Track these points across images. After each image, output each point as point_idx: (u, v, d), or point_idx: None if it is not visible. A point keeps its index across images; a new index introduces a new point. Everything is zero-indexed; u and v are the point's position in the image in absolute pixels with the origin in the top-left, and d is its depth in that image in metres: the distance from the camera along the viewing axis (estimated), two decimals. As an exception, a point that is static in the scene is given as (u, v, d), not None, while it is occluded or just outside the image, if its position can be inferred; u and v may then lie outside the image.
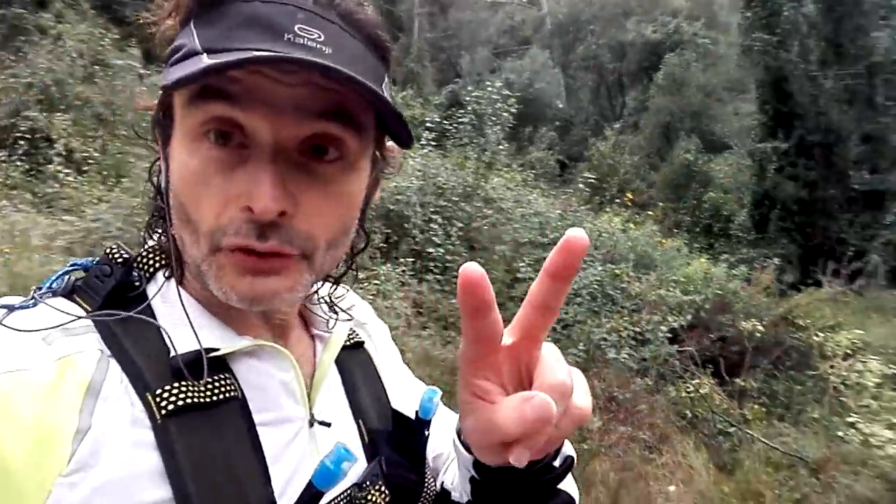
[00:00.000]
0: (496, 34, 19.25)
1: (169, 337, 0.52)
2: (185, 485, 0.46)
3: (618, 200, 9.36)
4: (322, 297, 0.68)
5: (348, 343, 0.69)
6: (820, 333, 6.35)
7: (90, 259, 0.57)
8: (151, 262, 0.57)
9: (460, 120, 7.40)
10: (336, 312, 0.68)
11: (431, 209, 6.01)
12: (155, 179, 0.58)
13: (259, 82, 0.47)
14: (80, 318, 0.50)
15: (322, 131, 0.49)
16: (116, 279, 0.54)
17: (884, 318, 7.34)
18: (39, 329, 0.47)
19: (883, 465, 4.93)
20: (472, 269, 0.40)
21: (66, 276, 0.56)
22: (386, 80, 0.56)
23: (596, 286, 5.57)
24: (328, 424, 0.61)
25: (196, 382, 0.50)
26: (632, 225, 8.39)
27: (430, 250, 5.55)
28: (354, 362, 0.71)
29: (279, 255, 0.50)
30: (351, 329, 0.71)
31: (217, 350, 0.53)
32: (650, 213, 10.04)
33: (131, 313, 0.51)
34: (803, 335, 6.30)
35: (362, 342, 0.74)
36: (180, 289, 0.55)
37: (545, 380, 0.44)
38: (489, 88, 7.25)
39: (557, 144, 14.24)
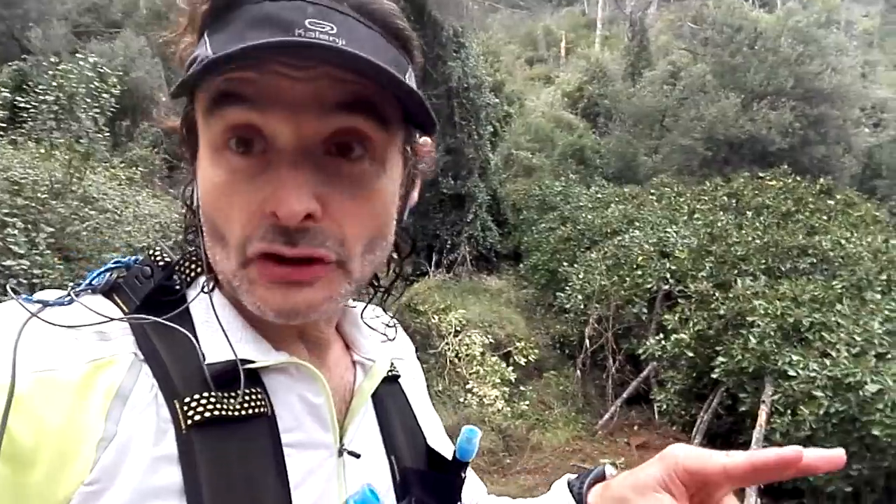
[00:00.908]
0: (76, 11, 16.53)
1: (199, 344, 0.51)
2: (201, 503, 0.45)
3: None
4: (366, 319, 0.66)
5: (387, 375, 0.65)
6: (435, 316, 7.24)
7: (133, 258, 0.57)
8: (193, 266, 0.56)
9: (42, 99, 5.84)
10: (381, 332, 0.68)
11: (5, 211, 4.56)
12: (187, 196, 0.57)
13: (274, 81, 0.45)
14: (110, 319, 0.49)
15: (344, 126, 0.47)
16: (156, 282, 0.54)
17: (476, 298, 8.82)
18: (71, 326, 0.47)
19: (495, 420, 5.92)
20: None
21: (108, 274, 0.54)
22: (410, 71, 0.52)
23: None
24: (357, 455, 0.58)
25: (226, 394, 0.49)
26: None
27: (9, 263, 4.18)
28: (389, 396, 0.67)
29: (312, 262, 0.48)
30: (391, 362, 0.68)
31: (252, 362, 0.51)
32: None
33: (162, 319, 0.50)
34: (423, 319, 7.06)
35: (398, 376, 0.70)
36: (220, 296, 0.55)
37: None
38: (82, 63, 5.91)
39: (164, 142, 12.86)
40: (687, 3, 20.77)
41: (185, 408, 0.47)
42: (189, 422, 0.47)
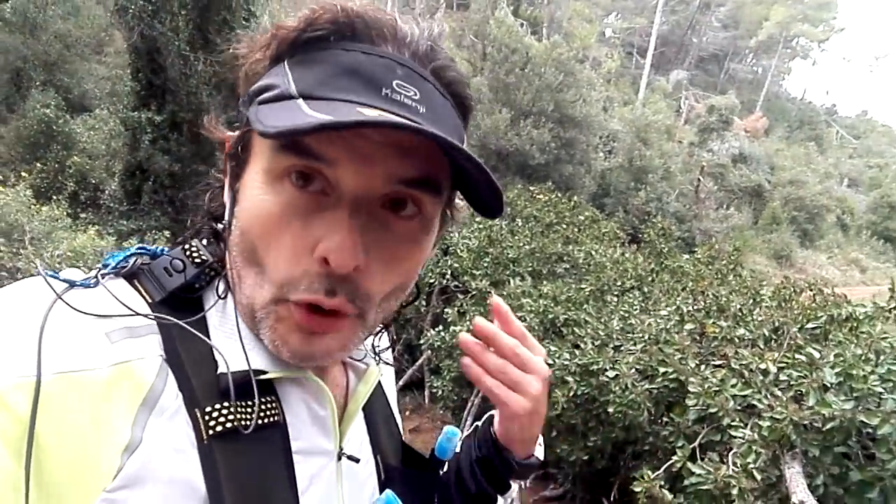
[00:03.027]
0: None
1: (222, 354, 0.50)
2: None
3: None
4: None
5: None
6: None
7: (160, 247, 0.56)
8: (210, 269, 0.56)
9: None
10: (377, 354, 0.69)
11: None
12: (212, 206, 0.57)
13: (351, 139, 0.45)
14: (137, 314, 0.48)
15: (404, 193, 0.49)
16: (187, 277, 0.53)
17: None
18: (98, 315, 0.45)
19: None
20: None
21: (133, 258, 0.54)
22: (465, 138, 0.54)
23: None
24: (357, 460, 0.60)
25: (243, 403, 0.49)
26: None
27: None
28: (373, 396, 0.67)
29: (338, 315, 0.49)
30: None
31: (266, 373, 0.52)
32: (24, 173, 8.25)
33: (184, 323, 0.49)
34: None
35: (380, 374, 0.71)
36: (232, 303, 0.54)
37: None
38: None
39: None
40: (468, 16, 22.36)
41: (207, 417, 0.47)
42: (210, 432, 0.47)
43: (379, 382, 0.72)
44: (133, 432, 0.43)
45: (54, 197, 8.57)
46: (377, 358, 0.70)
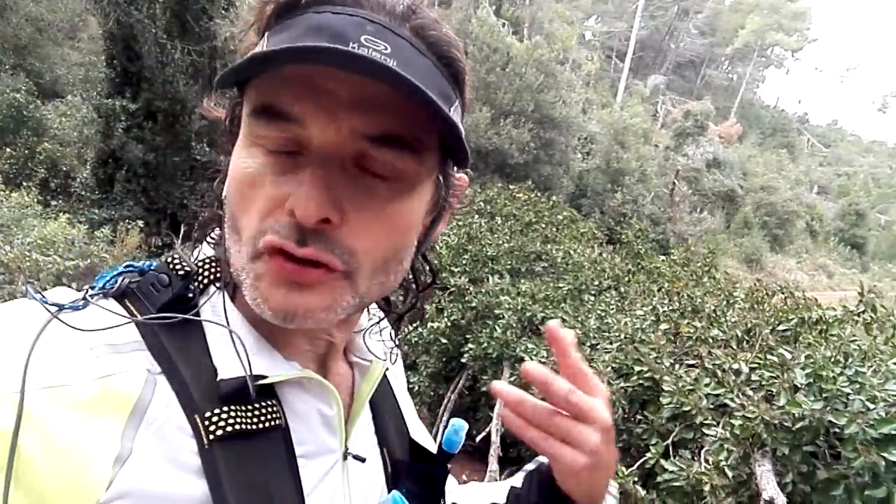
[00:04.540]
0: None
1: (221, 355, 0.50)
2: None
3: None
4: (366, 328, 0.66)
5: None
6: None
7: (147, 263, 0.55)
8: (206, 273, 0.55)
9: None
10: (386, 346, 0.68)
11: None
12: (219, 190, 0.56)
13: (317, 84, 0.45)
14: (131, 320, 0.48)
15: (373, 155, 0.47)
16: (174, 291, 0.52)
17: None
18: (88, 329, 0.45)
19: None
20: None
21: (121, 278, 0.53)
22: (456, 103, 0.52)
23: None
24: (363, 460, 0.59)
25: (244, 407, 0.49)
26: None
27: None
28: (380, 391, 0.66)
29: (318, 266, 0.47)
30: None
31: (264, 378, 0.51)
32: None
33: (185, 316, 0.50)
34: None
35: (387, 369, 0.70)
36: (231, 305, 0.53)
37: None
38: None
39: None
40: (449, 14, 22.38)
41: (207, 422, 0.47)
42: (211, 436, 0.46)
43: (385, 377, 0.70)
44: (123, 444, 0.43)
45: (24, 184, 8.33)
46: (386, 352, 0.68)
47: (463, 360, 4.57)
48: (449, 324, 4.71)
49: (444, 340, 4.78)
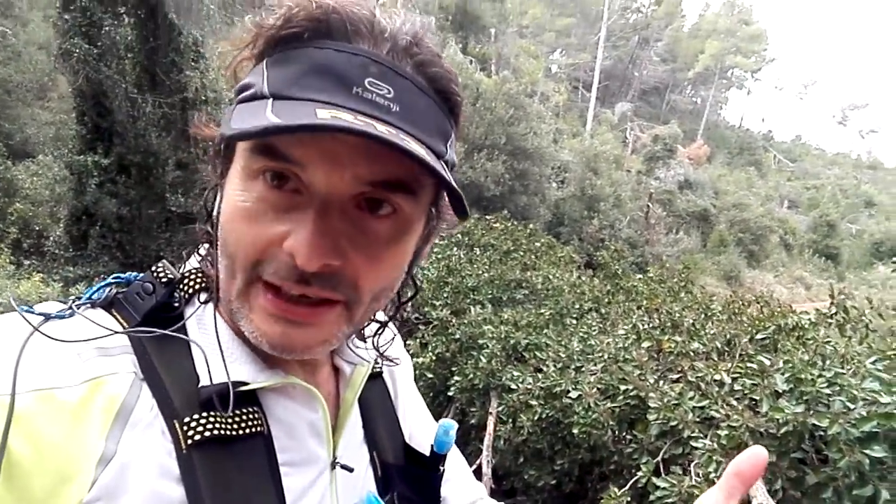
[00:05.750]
0: None
1: (195, 364, 0.51)
2: None
3: None
4: (370, 335, 0.66)
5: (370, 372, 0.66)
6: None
7: (133, 274, 0.56)
8: (192, 283, 0.55)
9: None
10: (378, 351, 0.67)
11: None
12: (209, 205, 0.55)
13: (321, 141, 0.45)
14: (114, 332, 0.48)
15: (376, 195, 0.48)
16: (158, 299, 0.53)
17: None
18: (74, 340, 0.46)
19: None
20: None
21: (108, 288, 0.54)
22: (452, 136, 0.53)
23: None
24: (351, 469, 0.59)
25: (224, 413, 0.49)
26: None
27: None
28: (372, 393, 0.67)
29: (321, 304, 0.49)
30: (376, 361, 0.68)
31: (247, 384, 0.51)
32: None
33: (164, 331, 0.50)
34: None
35: (380, 372, 0.71)
36: (217, 315, 0.54)
37: None
38: None
39: None
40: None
41: (185, 427, 0.47)
42: (189, 441, 0.47)
43: (382, 381, 0.71)
44: (107, 445, 0.44)
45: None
46: (379, 358, 0.68)
47: (450, 394, 4.52)
48: (434, 357, 4.68)
49: (430, 375, 4.73)
